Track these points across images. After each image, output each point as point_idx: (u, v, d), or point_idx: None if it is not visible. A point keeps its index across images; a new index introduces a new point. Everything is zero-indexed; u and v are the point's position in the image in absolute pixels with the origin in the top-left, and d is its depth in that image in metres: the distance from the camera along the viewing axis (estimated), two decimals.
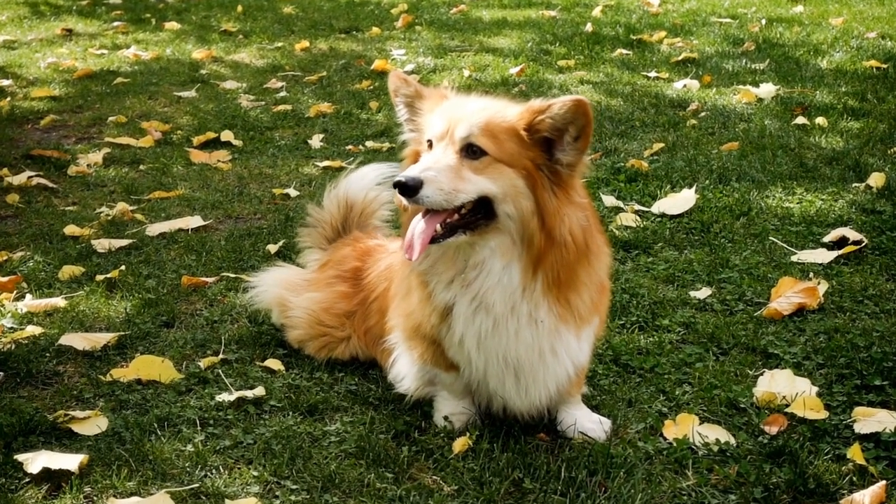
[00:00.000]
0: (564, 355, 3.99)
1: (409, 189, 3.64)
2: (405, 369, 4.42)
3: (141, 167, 8.31)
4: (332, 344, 4.90)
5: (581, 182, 3.89)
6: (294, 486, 3.90)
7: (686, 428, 4.17)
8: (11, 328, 5.33)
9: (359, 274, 4.92)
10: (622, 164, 7.66)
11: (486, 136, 3.73)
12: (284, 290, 5.13)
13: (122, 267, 6.05)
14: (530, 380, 4.02)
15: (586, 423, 4.22)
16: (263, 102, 10.37)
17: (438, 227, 3.72)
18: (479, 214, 3.75)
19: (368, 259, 4.92)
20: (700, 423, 4.22)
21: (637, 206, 6.76)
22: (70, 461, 3.99)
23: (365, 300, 4.81)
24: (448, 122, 3.79)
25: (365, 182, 5.34)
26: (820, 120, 8.51)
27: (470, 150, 3.73)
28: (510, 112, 3.82)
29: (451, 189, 3.66)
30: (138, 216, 7.02)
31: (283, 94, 10.75)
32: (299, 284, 5.13)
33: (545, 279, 3.81)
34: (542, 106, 3.76)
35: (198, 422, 4.38)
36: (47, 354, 5.04)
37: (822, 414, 4.25)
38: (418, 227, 3.74)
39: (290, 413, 4.44)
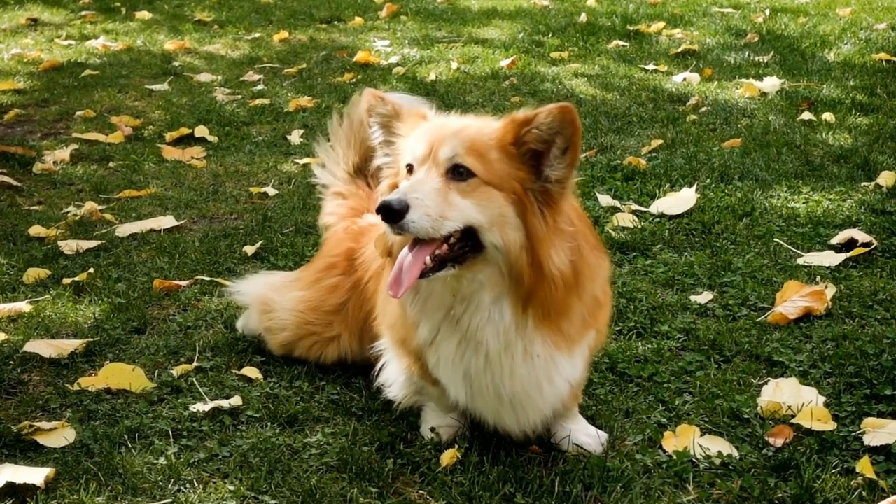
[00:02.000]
0: (560, 380, 3.97)
1: (395, 213, 3.51)
2: (393, 375, 4.41)
3: (110, 164, 8.29)
4: (318, 345, 4.87)
5: (571, 203, 3.82)
6: (273, 502, 3.89)
7: (686, 440, 4.17)
8: None
9: (352, 255, 4.82)
10: (619, 161, 7.67)
11: (473, 155, 3.65)
12: (268, 290, 5.10)
13: (91, 270, 6.04)
14: (528, 409, 4.00)
15: (581, 436, 4.21)
16: (240, 96, 10.37)
17: (428, 259, 3.62)
18: (467, 246, 3.66)
19: (363, 239, 4.79)
20: (701, 435, 4.22)
21: (634, 206, 6.77)
22: (35, 475, 3.97)
23: (358, 283, 4.73)
24: (430, 143, 3.69)
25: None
26: (827, 115, 8.53)
27: (456, 172, 3.64)
28: (494, 127, 3.76)
29: (437, 215, 3.56)
30: (108, 216, 7.01)
31: (260, 87, 10.75)
32: (284, 285, 5.10)
33: (535, 314, 3.76)
34: (527, 116, 3.68)
35: (170, 433, 4.36)
36: (11, 362, 5.02)
37: (830, 425, 4.25)
38: (406, 260, 3.64)
39: (269, 424, 4.43)
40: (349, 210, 5.10)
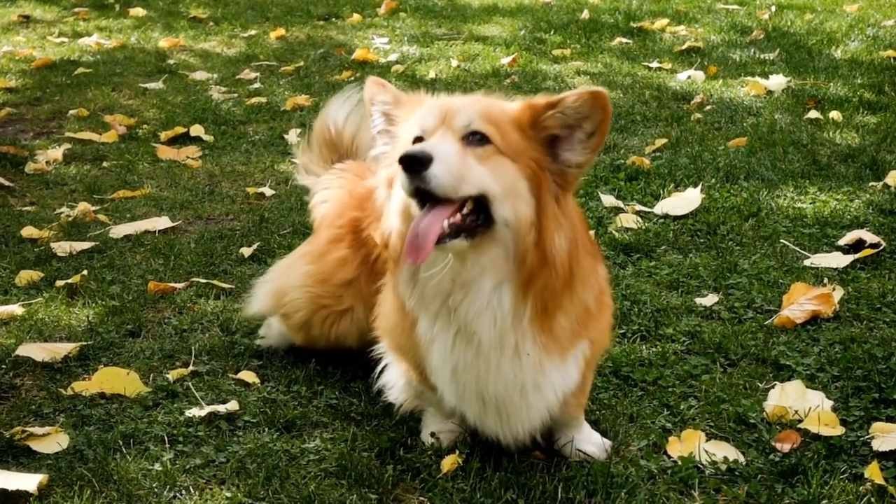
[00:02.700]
0: (548, 388, 3.90)
1: (419, 162, 3.45)
2: (394, 378, 4.40)
3: (104, 164, 8.29)
4: (331, 318, 4.79)
5: (572, 201, 3.82)
6: None
7: (692, 445, 4.17)
8: None
9: (358, 226, 4.73)
10: (622, 161, 7.67)
11: (490, 123, 3.62)
12: (278, 278, 5.07)
13: (84, 272, 6.04)
14: (511, 415, 3.94)
15: (586, 444, 4.20)
16: (236, 95, 10.37)
17: (445, 223, 3.54)
18: (478, 220, 3.60)
19: (368, 205, 4.61)
20: (707, 440, 4.22)
21: (638, 207, 6.77)
22: (28, 481, 3.97)
23: (367, 258, 4.65)
24: (442, 113, 3.66)
25: (345, 109, 5.28)
26: (834, 114, 8.54)
27: (472, 138, 3.60)
28: (509, 105, 3.76)
29: (458, 174, 3.50)
30: (101, 217, 7.01)
31: (256, 85, 10.75)
32: (294, 262, 5.04)
33: (533, 305, 3.71)
34: (549, 100, 3.67)
35: (166, 439, 4.37)
36: (3, 366, 5.02)
37: (838, 430, 4.25)
38: (422, 223, 3.55)
39: (266, 429, 4.43)
40: (345, 183, 5.06)
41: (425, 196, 3.54)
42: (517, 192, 3.61)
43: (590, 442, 4.21)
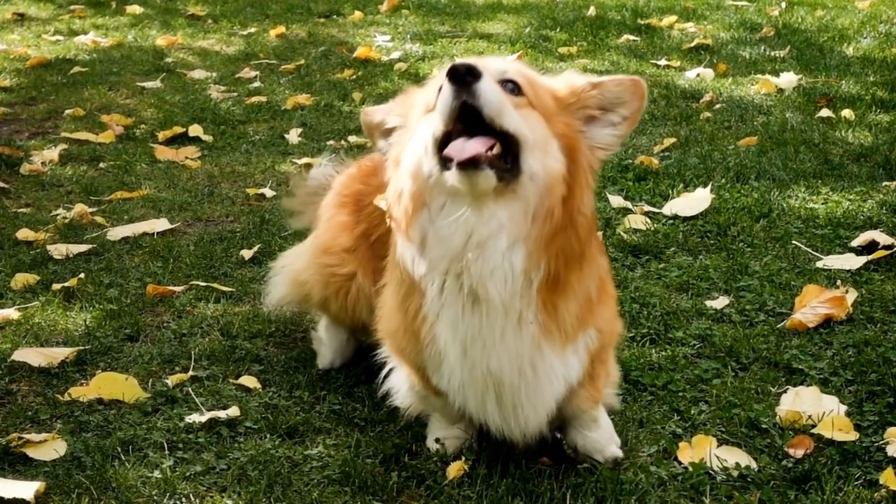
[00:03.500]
0: (545, 373, 3.86)
1: (469, 72, 3.45)
2: (399, 381, 4.39)
3: (101, 165, 8.29)
4: (337, 282, 4.76)
5: None
6: None
7: (703, 451, 4.17)
8: None
9: (360, 199, 4.74)
10: (630, 160, 7.67)
11: (524, 78, 3.67)
12: (293, 262, 5.10)
13: (81, 275, 6.04)
14: (517, 404, 3.90)
15: (593, 445, 4.17)
16: (235, 94, 10.37)
17: (484, 149, 3.51)
18: (507, 163, 3.57)
19: (373, 179, 4.65)
20: (718, 446, 4.22)
21: (647, 207, 6.77)
22: (25, 489, 3.98)
23: (367, 234, 4.66)
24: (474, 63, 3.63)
25: (328, 169, 5.38)
26: (846, 112, 8.53)
27: (507, 84, 3.62)
28: (550, 79, 3.82)
29: (502, 100, 3.52)
30: (98, 219, 7.01)
31: (256, 84, 10.75)
32: (304, 248, 5.08)
33: (546, 271, 3.68)
34: (592, 81, 3.75)
35: (165, 445, 4.37)
36: None
37: (852, 435, 4.25)
38: (465, 141, 3.52)
39: (268, 435, 4.43)
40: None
41: (467, 115, 3.51)
42: (547, 147, 3.62)
43: (599, 443, 4.18)
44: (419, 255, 3.74)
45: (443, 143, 3.58)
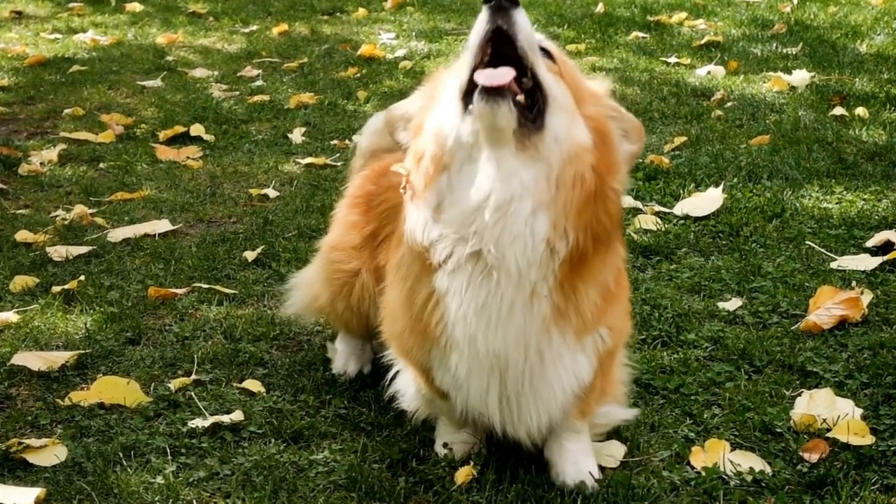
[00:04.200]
0: (553, 364, 3.81)
1: None
2: (406, 384, 4.38)
3: (101, 165, 8.30)
4: (342, 278, 4.76)
5: None
6: None
7: (716, 455, 4.17)
8: None
9: (371, 200, 4.72)
10: (640, 160, 7.65)
11: (558, 53, 3.75)
12: (306, 272, 5.15)
13: (82, 277, 6.04)
14: (518, 389, 3.84)
15: (568, 465, 4.10)
16: (237, 92, 10.38)
17: (510, 77, 3.54)
18: (532, 111, 3.58)
19: (383, 180, 4.66)
20: (731, 450, 4.22)
21: (657, 207, 6.77)
22: (25, 495, 3.98)
23: (375, 234, 4.63)
24: None
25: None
26: (860, 110, 8.53)
27: (541, 50, 3.68)
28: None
29: (535, 39, 3.60)
30: (99, 220, 7.01)
31: (259, 83, 10.76)
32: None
33: (574, 244, 3.63)
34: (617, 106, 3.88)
35: (168, 450, 4.37)
36: None
37: (868, 439, 4.25)
38: (496, 70, 3.56)
39: (272, 440, 4.43)
40: None
41: (497, 55, 3.56)
42: (574, 117, 3.66)
43: (575, 456, 4.10)
44: (433, 219, 3.70)
45: (468, 92, 3.60)
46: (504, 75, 3.52)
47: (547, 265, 3.65)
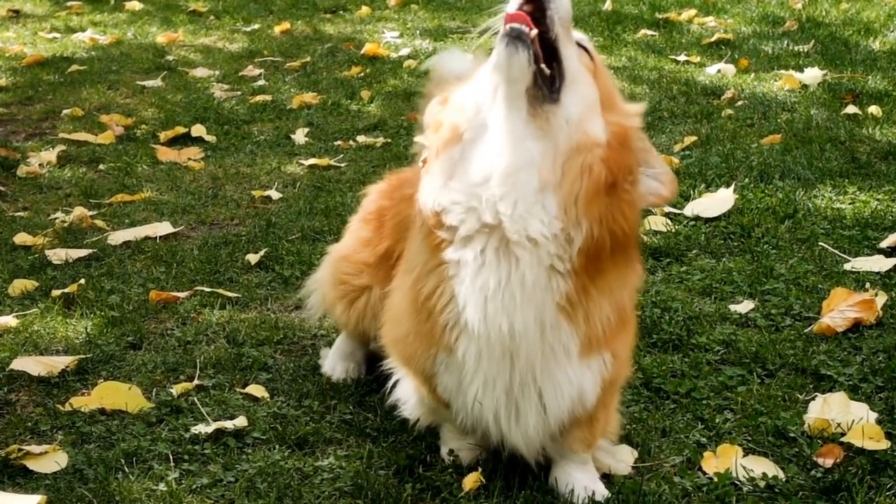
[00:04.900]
0: (561, 360, 3.75)
1: None
2: (407, 393, 4.37)
3: (101, 167, 8.30)
4: (351, 295, 4.76)
5: None
6: None
7: (728, 461, 4.17)
8: None
9: (383, 215, 4.71)
10: None
11: (595, 54, 3.79)
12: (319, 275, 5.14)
13: (82, 280, 6.04)
14: (523, 380, 3.78)
15: (578, 485, 4.08)
16: (239, 92, 10.38)
17: (533, 33, 3.54)
18: (549, 75, 3.59)
19: (396, 193, 4.65)
20: (744, 455, 4.22)
21: (667, 208, 6.76)
22: (26, 503, 3.98)
23: (389, 254, 4.57)
24: None
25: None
26: (873, 109, 8.52)
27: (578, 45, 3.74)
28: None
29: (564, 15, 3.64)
30: (99, 222, 7.02)
31: (261, 82, 10.76)
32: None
33: (589, 234, 3.60)
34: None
35: (171, 457, 4.37)
36: None
37: (883, 444, 4.25)
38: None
39: (277, 446, 4.43)
40: None
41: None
42: (594, 112, 3.67)
43: (582, 483, 4.07)
44: (443, 186, 3.69)
45: None
46: (525, 16, 3.56)
47: (564, 247, 3.63)
